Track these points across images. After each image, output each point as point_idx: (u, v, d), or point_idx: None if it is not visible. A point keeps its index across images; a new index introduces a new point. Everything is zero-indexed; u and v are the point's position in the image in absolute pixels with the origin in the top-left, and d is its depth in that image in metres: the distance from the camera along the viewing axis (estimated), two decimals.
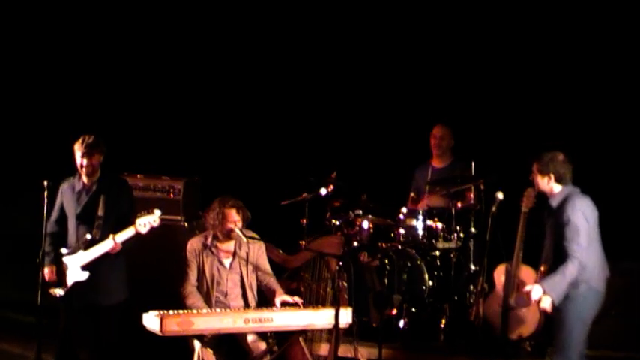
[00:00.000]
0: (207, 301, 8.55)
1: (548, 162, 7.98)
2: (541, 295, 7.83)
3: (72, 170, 8.48)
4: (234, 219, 8.51)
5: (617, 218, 8.24)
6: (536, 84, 10.76)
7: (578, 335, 7.91)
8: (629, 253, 9.10)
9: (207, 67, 11.74)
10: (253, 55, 11.68)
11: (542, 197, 8.29)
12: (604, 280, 7.99)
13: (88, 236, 8.30)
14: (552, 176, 7.97)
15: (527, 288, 7.98)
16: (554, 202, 8.00)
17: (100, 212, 8.32)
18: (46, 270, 8.31)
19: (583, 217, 7.84)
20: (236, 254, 8.64)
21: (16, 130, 11.75)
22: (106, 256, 8.26)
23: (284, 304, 8.45)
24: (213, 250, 8.63)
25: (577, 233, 7.79)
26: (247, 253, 8.64)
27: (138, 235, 8.26)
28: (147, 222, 8.25)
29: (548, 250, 8.08)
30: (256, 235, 8.67)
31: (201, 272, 8.61)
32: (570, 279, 7.78)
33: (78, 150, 8.35)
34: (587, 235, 7.84)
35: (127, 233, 8.24)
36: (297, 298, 8.52)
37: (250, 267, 8.64)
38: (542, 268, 8.00)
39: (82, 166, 8.36)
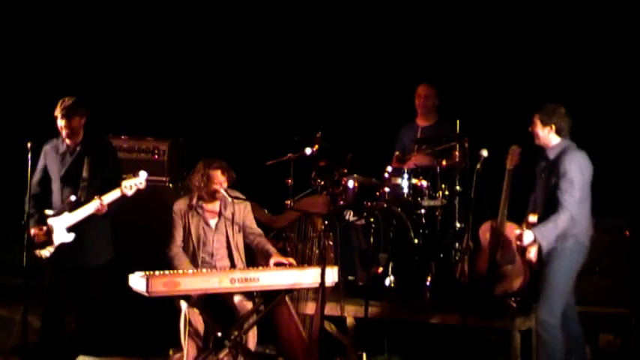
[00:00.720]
0: (194, 262, 8.56)
1: (552, 112, 8.03)
2: (532, 240, 7.87)
3: (56, 132, 8.45)
4: (219, 180, 8.51)
5: (602, 175, 8.26)
6: (519, 42, 10.74)
7: (564, 288, 7.99)
8: (614, 209, 9.13)
9: (191, 29, 11.69)
10: (238, 17, 11.62)
11: (528, 154, 8.32)
12: (590, 236, 8.06)
13: (73, 198, 8.28)
14: (554, 127, 8.02)
15: (517, 231, 7.99)
16: (552, 154, 8.04)
17: (85, 174, 8.31)
18: (33, 231, 8.29)
19: (579, 171, 7.90)
20: (222, 215, 8.64)
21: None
22: (91, 217, 8.25)
23: (278, 265, 8.48)
24: (199, 210, 8.62)
25: (572, 185, 7.85)
26: (233, 214, 8.64)
27: (124, 196, 8.25)
28: (133, 184, 8.25)
29: (540, 201, 8.11)
30: (242, 196, 8.67)
31: (187, 233, 8.61)
32: (562, 228, 7.85)
33: (57, 112, 8.32)
34: (581, 189, 7.90)
35: (113, 195, 8.23)
36: (291, 260, 8.57)
37: (236, 227, 8.65)
38: (530, 218, 8.00)
39: (60, 128, 8.33)
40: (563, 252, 7.93)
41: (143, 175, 8.30)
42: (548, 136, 8.06)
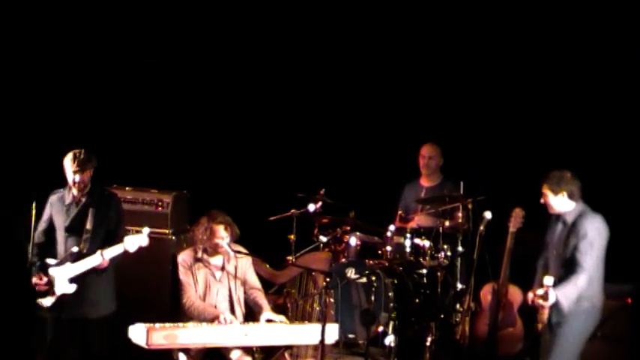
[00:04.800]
0: None
1: (559, 180, 8.01)
2: (554, 300, 7.75)
3: (61, 182, 8.46)
4: (222, 235, 8.48)
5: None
6: (525, 103, 10.79)
7: (576, 352, 7.91)
8: (617, 276, 9.13)
9: (196, 82, 11.74)
10: (243, 70, 11.68)
11: (531, 217, 8.33)
12: (602, 299, 8.01)
13: (75, 249, 8.27)
14: (565, 193, 7.98)
15: (540, 292, 7.80)
16: (570, 218, 7.99)
17: (89, 226, 8.29)
18: (34, 279, 8.28)
19: (598, 234, 7.88)
20: (225, 268, 8.62)
21: (4, 141, 11.69)
22: (93, 269, 8.25)
23: (269, 322, 8.42)
24: (206, 263, 8.60)
25: (591, 247, 7.82)
26: (236, 267, 8.63)
27: (125, 252, 8.25)
28: (136, 241, 8.24)
29: (554, 264, 8.03)
30: (244, 250, 8.67)
31: (194, 285, 8.58)
32: (580, 289, 7.78)
33: (69, 167, 8.31)
34: (599, 251, 7.88)
35: (116, 250, 8.22)
36: (282, 317, 8.51)
37: (238, 281, 8.63)
38: (545, 280, 7.80)
39: (74, 183, 8.32)
40: (579, 315, 7.86)
41: (146, 231, 8.29)
42: (562, 203, 8.02)
